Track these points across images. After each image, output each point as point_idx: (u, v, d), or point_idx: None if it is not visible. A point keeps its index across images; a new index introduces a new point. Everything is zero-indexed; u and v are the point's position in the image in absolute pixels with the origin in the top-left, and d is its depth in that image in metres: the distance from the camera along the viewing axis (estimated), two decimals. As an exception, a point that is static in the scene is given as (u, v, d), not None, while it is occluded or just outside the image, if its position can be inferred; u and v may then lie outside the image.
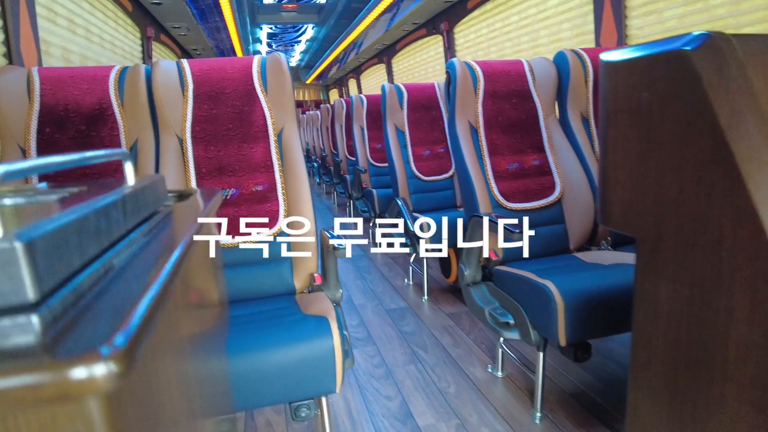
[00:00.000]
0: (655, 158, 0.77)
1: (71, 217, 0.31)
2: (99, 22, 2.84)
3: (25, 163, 0.30)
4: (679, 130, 0.73)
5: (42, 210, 0.35)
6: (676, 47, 0.72)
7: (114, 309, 0.29)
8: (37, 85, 1.61)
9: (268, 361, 1.16)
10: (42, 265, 0.27)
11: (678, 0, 2.15)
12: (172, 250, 0.39)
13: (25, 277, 0.26)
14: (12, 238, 0.25)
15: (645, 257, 0.83)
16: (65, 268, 0.30)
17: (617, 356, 1.95)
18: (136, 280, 0.35)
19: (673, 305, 0.78)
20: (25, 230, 0.26)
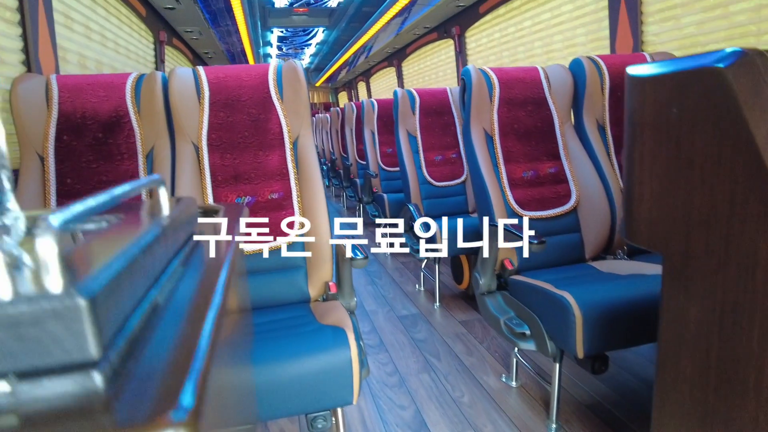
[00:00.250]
0: (684, 176, 0.76)
1: (123, 260, 0.30)
2: (114, 28, 2.86)
3: (77, 206, 0.30)
4: (711, 149, 0.71)
5: (92, 251, 0.34)
6: (709, 63, 0.71)
7: (170, 356, 0.29)
8: (55, 92, 1.62)
9: (285, 373, 1.15)
10: (102, 317, 0.26)
11: (696, 6, 2.13)
12: (214, 285, 0.38)
13: (89, 333, 0.25)
14: (75, 294, 0.25)
15: (672, 275, 0.81)
16: (120, 315, 0.29)
17: (633, 367, 1.93)
18: (184, 319, 0.34)
19: (702, 325, 0.77)
20: (85, 283, 0.26)
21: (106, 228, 0.43)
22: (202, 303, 0.36)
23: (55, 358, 0.25)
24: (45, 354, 0.25)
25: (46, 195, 1.58)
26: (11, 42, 1.73)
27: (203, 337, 0.30)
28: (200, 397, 0.24)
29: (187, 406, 0.23)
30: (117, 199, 0.37)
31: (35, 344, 0.25)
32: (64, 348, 0.25)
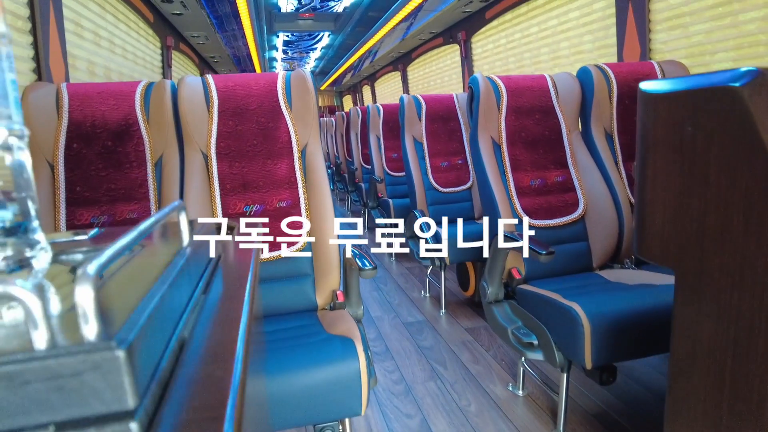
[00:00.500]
0: (698, 194, 0.76)
1: (153, 301, 0.30)
2: (122, 34, 2.87)
3: (110, 250, 0.30)
4: (726, 168, 0.71)
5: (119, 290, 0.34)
6: (724, 82, 0.71)
7: (202, 398, 0.29)
8: (65, 101, 1.63)
9: (295, 383, 1.15)
10: (137, 365, 0.26)
11: (705, 15, 2.12)
12: (238, 317, 0.38)
13: (126, 383, 0.25)
14: (113, 344, 0.25)
15: (685, 292, 0.81)
16: (153, 359, 0.29)
17: (641, 376, 1.92)
18: (211, 354, 0.34)
19: (716, 343, 0.76)
20: (122, 331, 0.26)
21: (130, 261, 0.43)
22: (228, 338, 0.36)
23: (94, 409, 0.25)
24: (84, 405, 0.25)
25: (56, 203, 1.59)
26: (22, 50, 1.75)
27: (234, 379, 0.30)
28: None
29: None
30: (145, 234, 0.37)
31: (74, 395, 0.25)
32: (102, 399, 0.25)
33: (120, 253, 0.31)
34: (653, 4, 2.36)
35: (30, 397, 0.24)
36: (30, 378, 0.24)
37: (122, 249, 0.31)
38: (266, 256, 1.60)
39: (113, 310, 0.30)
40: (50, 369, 0.24)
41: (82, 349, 0.25)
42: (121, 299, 0.32)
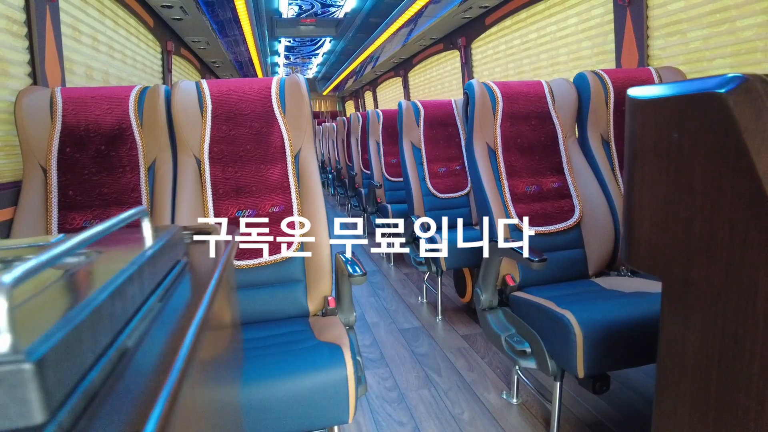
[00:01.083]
0: (684, 201, 0.75)
1: (85, 312, 0.29)
2: (121, 39, 2.88)
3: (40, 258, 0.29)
4: (711, 175, 0.70)
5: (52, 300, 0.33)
6: (710, 88, 0.70)
7: (129, 411, 0.28)
8: (59, 105, 1.63)
9: (280, 391, 1.14)
10: (52, 379, 0.25)
11: (703, 21, 2.11)
12: (188, 324, 0.37)
13: (34, 399, 0.24)
14: (22, 358, 0.24)
15: (672, 302, 0.80)
16: (77, 371, 0.28)
17: (636, 385, 1.90)
18: (151, 365, 0.33)
19: (702, 353, 0.75)
20: (35, 344, 0.25)
21: (80, 267, 0.42)
22: (172, 347, 0.35)
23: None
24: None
25: (48, 207, 1.58)
26: (18, 55, 1.75)
27: (165, 389, 0.29)
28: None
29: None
30: (92, 239, 0.36)
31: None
32: (6, 414, 0.24)
33: (48, 262, 0.30)
34: (651, 11, 2.35)
35: None
36: None
37: (51, 259, 0.30)
38: (258, 261, 1.59)
39: (40, 321, 0.29)
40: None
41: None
42: (52, 309, 0.31)
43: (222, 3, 3.89)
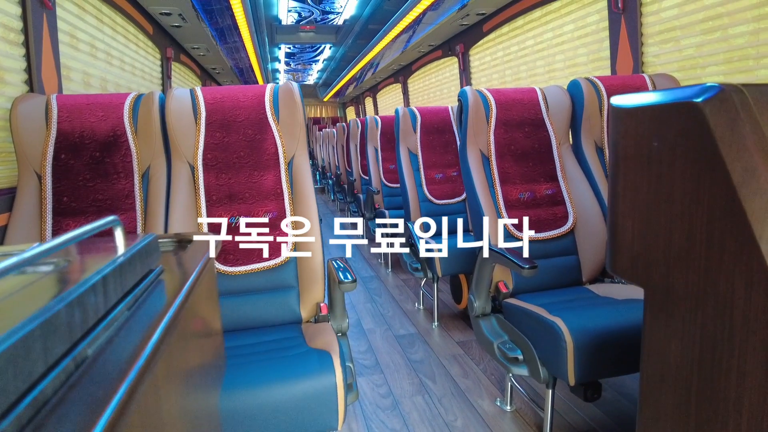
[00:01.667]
0: (664, 210, 0.75)
1: (36, 321, 0.30)
2: (120, 46, 2.90)
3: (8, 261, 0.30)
4: (689, 184, 0.70)
5: (9, 309, 0.34)
6: (686, 98, 0.70)
7: (73, 421, 0.28)
8: (54, 112, 1.64)
9: (267, 397, 1.14)
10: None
11: (696, 29, 2.12)
12: (154, 330, 0.38)
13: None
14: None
15: (654, 310, 0.80)
16: (23, 380, 0.29)
17: (629, 392, 1.89)
18: (107, 376, 0.33)
19: (683, 361, 0.75)
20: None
21: (45, 275, 0.43)
22: (129, 356, 0.35)
23: None
24: None
25: (43, 213, 1.59)
26: (14, 62, 1.76)
27: (115, 399, 0.29)
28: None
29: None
30: (58, 248, 0.37)
31: None
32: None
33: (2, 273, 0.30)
34: (645, 18, 2.36)
35: None
36: None
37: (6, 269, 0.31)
38: (251, 267, 1.60)
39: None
40: None
41: None
42: (6, 318, 0.32)
43: (221, 10, 3.92)
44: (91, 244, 0.56)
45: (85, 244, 0.49)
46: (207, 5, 3.68)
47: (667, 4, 2.24)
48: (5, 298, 0.36)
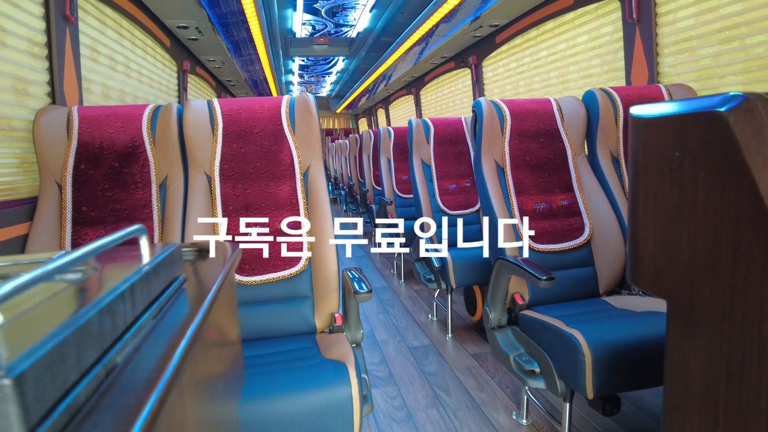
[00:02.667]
0: (687, 220, 0.74)
1: (71, 328, 0.30)
2: (138, 59, 2.96)
3: (26, 277, 0.30)
4: (714, 194, 0.69)
5: (40, 317, 0.34)
6: (710, 107, 0.69)
7: (107, 428, 0.28)
8: (75, 123, 1.67)
9: (283, 408, 1.14)
10: (32, 395, 0.26)
11: (713, 38, 2.11)
12: (180, 339, 0.38)
13: (13, 414, 0.25)
14: (2, 373, 0.24)
15: (677, 322, 0.78)
16: (59, 387, 0.29)
17: (649, 406, 1.85)
18: (136, 384, 0.34)
19: (709, 375, 0.73)
20: (17, 360, 0.26)
21: (74, 283, 0.43)
22: (158, 365, 0.35)
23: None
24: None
25: (63, 223, 1.61)
26: (38, 75, 1.80)
27: (147, 407, 0.29)
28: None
29: None
30: (86, 256, 0.37)
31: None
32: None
33: (35, 281, 0.31)
34: (660, 28, 2.35)
35: None
36: None
37: (38, 278, 0.31)
38: (266, 277, 1.60)
39: (26, 338, 0.29)
40: None
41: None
42: (39, 326, 0.32)
43: (237, 23, 3.98)
44: (115, 253, 0.57)
45: (109, 253, 0.49)
46: (223, 18, 3.74)
47: (682, 14, 2.23)
48: (38, 306, 0.37)
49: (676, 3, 2.25)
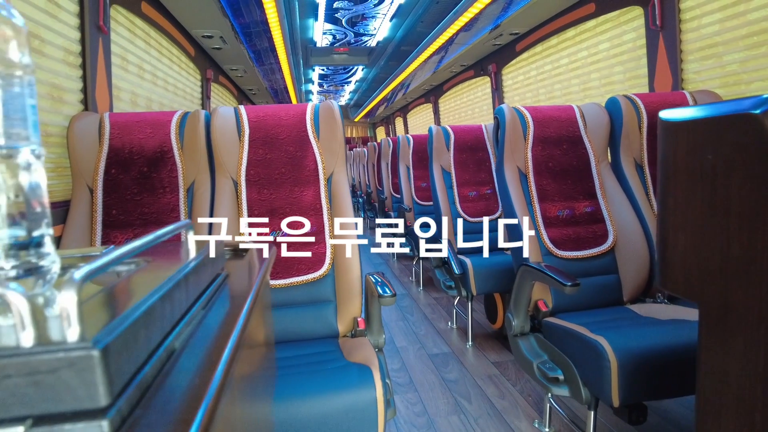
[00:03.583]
0: (720, 223, 0.73)
1: (140, 310, 0.32)
2: (164, 67, 3.03)
3: (103, 259, 0.32)
4: (748, 196, 0.69)
5: (113, 299, 0.37)
6: (744, 109, 0.69)
7: (177, 405, 0.30)
8: (107, 129, 1.72)
9: (309, 410, 1.15)
10: (114, 367, 0.28)
11: (740, 44, 2.08)
12: (230, 331, 0.40)
13: (99, 382, 0.27)
14: (90, 345, 0.26)
15: (710, 326, 0.77)
16: (133, 363, 0.31)
17: (675, 417, 1.82)
18: (196, 366, 0.35)
19: (745, 382, 0.72)
20: (101, 334, 0.28)
21: (134, 272, 0.46)
22: (215, 351, 0.37)
23: (68, 405, 0.27)
24: (59, 401, 0.27)
25: (93, 225, 1.66)
26: (72, 83, 1.87)
27: (211, 388, 0.31)
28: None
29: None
30: (141, 248, 0.39)
31: (50, 391, 0.27)
32: (76, 396, 0.27)
33: (111, 263, 0.33)
34: (685, 35, 2.34)
35: (9, 390, 0.26)
36: (10, 372, 0.26)
37: (113, 260, 0.33)
38: (290, 280, 1.62)
39: (101, 316, 0.31)
40: (29, 365, 0.26)
41: (60, 347, 0.27)
42: (111, 307, 0.34)
43: (259, 33, 4.06)
44: (162, 248, 0.59)
45: (158, 247, 0.51)
46: (246, 28, 3.81)
47: (708, 20, 2.21)
48: (103, 291, 0.39)
49: (701, 9, 2.24)
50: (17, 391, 0.26)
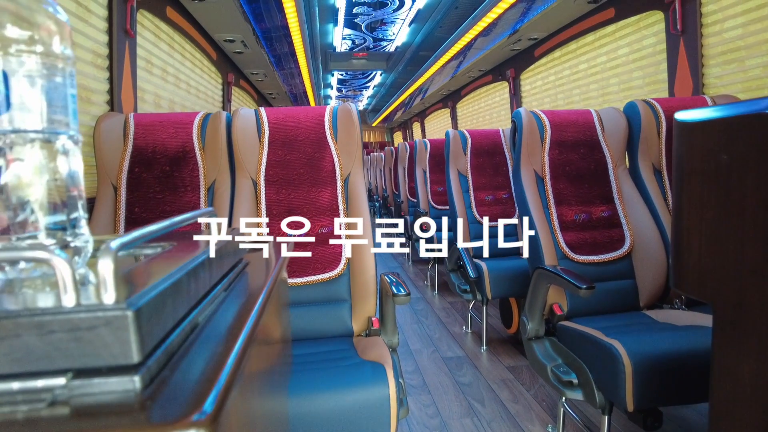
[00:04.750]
0: (735, 224, 0.73)
1: (169, 281, 0.35)
2: (187, 70, 3.10)
3: (135, 233, 0.35)
4: (762, 197, 0.69)
5: (144, 272, 0.39)
6: (760, 109, 0.69)
7: (200, 369, 0.33)
8: (132, 129, 1.78)
9: (323, 405, 1.17)
10: (145, 329, 0.30)
11: (762, 48, 2.06)
12: (250, 310, 0.42)
13: (133, 341, 0.30)
14: (125, 306, 0.29)
15: (724, 328, 0.77)
16: (161, 329, 0.33)
17: (691, 425, 1.79)
18: (218, 339, 0.38)
19: (758, 384, 0.72)
20: (134, 298, 0.30)
21: (161, 253, 0.48)
22: (236, 327, 0.39)
23: (104, 361, 0.30)
24: (96, 356, 0.30)
25: (116, 222, 1.71)
26: (99, 84, 1.93)
27: (232, 356, 0.33)
28: (220, 405, 0.28)
29: (208, 411, 0.27)
30: (170, 228, 0.42)
31: (89, 347, 0.30)
32: (111, 352, 0.30)
33: (141, 237, 0.35)
34: (706, 39, 2.31)
35: (54, 344, 0.29)
36: (54, 328, 0.29)
37: (144, 235, 0.36)
38: (306, 279, 1.64)
39: (133, 285, 0.34)
40: (70, 322, 0.29)
41: (98, 307, 0.30)
42: (142, 278, 0.37)
43: (280, 38, 4.12)
44: (185, 235, 0.61)
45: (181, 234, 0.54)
46: (267, 33, 3.88)
47: (730, 24, 2.19)
48: (133, 265, 0.41)
49: (723, 13, 2.22)
50: (60, 345, 0.29)
